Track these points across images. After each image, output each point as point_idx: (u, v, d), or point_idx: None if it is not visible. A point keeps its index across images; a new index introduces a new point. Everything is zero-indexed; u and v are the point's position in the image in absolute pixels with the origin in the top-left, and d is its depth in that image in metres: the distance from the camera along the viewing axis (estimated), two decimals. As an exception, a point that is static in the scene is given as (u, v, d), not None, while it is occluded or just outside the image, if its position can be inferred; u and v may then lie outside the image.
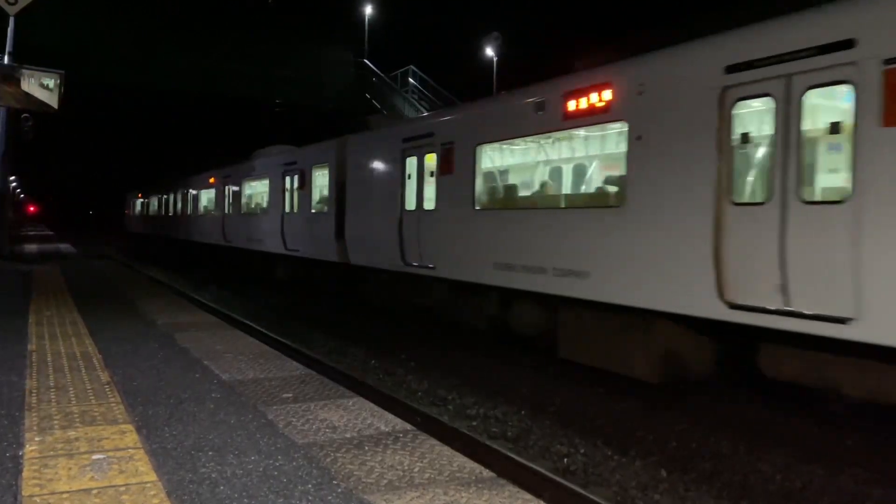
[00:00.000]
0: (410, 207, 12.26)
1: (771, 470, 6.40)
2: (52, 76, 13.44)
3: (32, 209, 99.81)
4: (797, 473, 6.31)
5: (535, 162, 11.13)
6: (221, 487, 3.78)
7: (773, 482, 6.20)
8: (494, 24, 41.15)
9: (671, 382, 8.28)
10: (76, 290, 13.61)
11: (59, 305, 11.15)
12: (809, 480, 6.18)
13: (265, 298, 18.62)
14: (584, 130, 9.56)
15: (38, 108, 13.81)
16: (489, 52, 40.12)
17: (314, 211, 16.70)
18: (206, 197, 27.00)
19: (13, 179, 41.96)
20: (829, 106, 6.44)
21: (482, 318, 11.21)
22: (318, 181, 16.84)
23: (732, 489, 6.07)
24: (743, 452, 6.83)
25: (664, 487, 6.12)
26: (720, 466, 6.55)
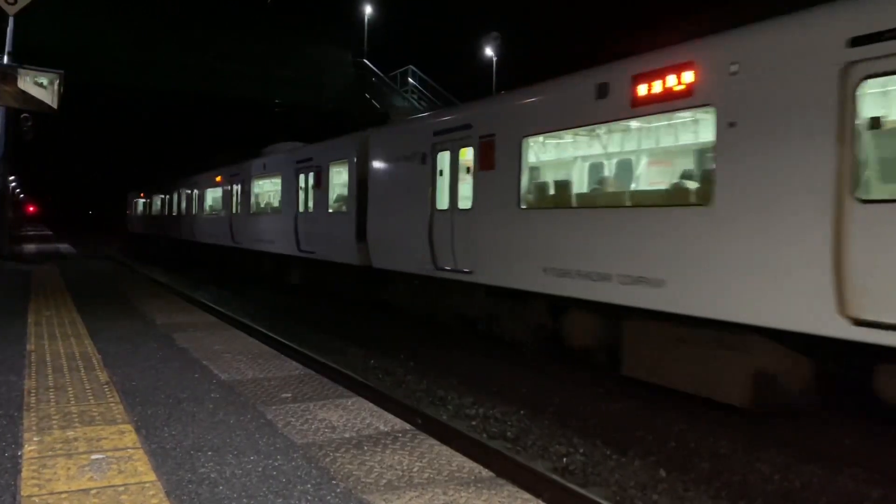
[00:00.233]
0: (442, 207, 11.46)
1: (770, 470, 6.41)
2: (46, 74, 13.41)
3: (32, 209, 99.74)
4: (796, 473, 6.31)
5: (594, 155, 10.04)
6: (220, 487, 3.78)
7: (771, 482, 6.21)
8: (494, 24, 41.21)
9: (763, 407, 7.33)
10: (75, 290, 13.60)
11: (58, 305, 11.15)
12: (808, 480, 6.18)
13: (264, 298, 18.61)
14: (657, 118, 8.43)
15: (37, 108, 13.79)
16: (489, 51, 40.15)
17: (332, 210, 15.82)
18: (212, 196, 26.14)
19: (12, 179, 41.91)
20: None
21: (526, 327, 10.22)
22: (335, 179, 16.01)
23: (731, 489, 6.08)
24: (742, 452, 6.84)
25: (663, 487, 6.12)
26: (719, 466, 6.55)
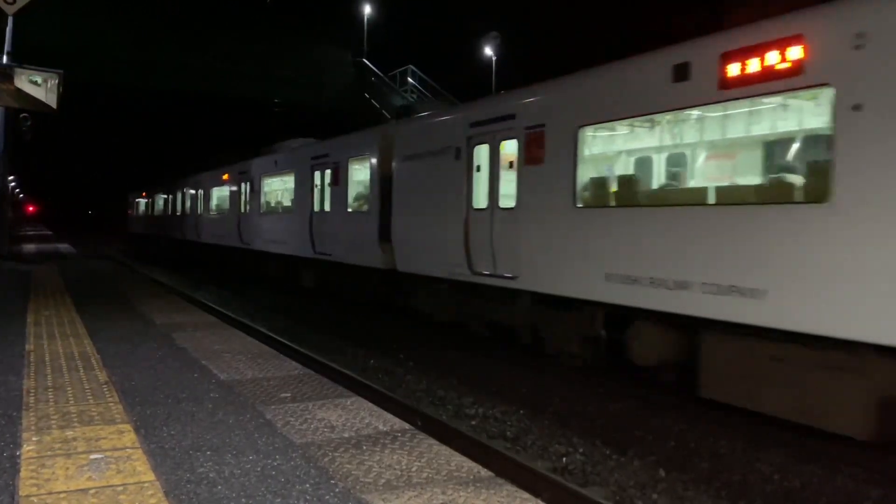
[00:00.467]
0: (480, 205, 10.56)
1: (769, 470, 6.40)
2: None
3: (31, 209, 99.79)
4: (796, 473, 6.30)
5: (669, 146, 8.97)
6: (219, 487, 3.78)
7: (771, 482, 6.20)
8: (493, 23, 41.23)
9: (887, 440, 6.24)
10: (75, 290, 13.60)
11: (57, 305, 11.15)
12: (808, 480, 6.18)
13: (264, 299, 18.60)
14: (753, 102, 7.33)
15: (36, 107, 13.79)
16: (488, 51, 40.18)
17: (351, 210, 14.85)
18: (219, 195, 25.25)
19: (12, 179, 41.92)
20: None
21: (578, 339, 9.23)
22: (356, 175, 15.07)
23: (731, 489, 6.07)
24: (741, 452, 6.83)
25: (663, 487, 6.12)
26: (719, 466, 6.55)
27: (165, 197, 34.38)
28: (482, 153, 10.59)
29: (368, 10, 40.06)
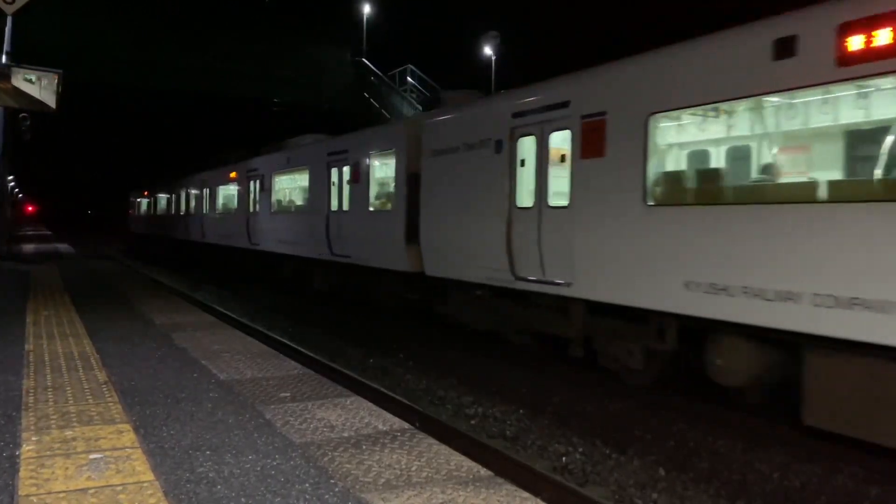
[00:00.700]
0: (525, 204, 9.62)
1: (769, 469, 6.40)
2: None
3: (31, 209, 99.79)
4: (795, 473, 6.30)
5: (770, 134, 7.68)
6: (219, 487, 3.78)
7: (771, 481, 6.20)
8: (493, 23, 41.25)
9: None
10: (74, 290, 13.61)
11: (56, 305, 11.15)
12: (808, 479, 6.18)
13: (264, 298, 18.60)
14: (883, 79, 6.12)
15: (35, 107, 13.79)
16: (488, 50, 40.18)
17: (373, 209, 13.97)
18: (225, 194, 24.32)
19: (11, 179, 41.92)
20: None
21: (645, 354, 8.25)
22: (378, 172, 14.19)
23: (731, 488, 6.07)
24: (741, 452, 6.83)
25: (662, 486, 6.12)
26: (718, 465, 6.55)
27: (168, 196, 33.55)
28: (527, 146, 9.65)
29: (368, 9, 40.07)
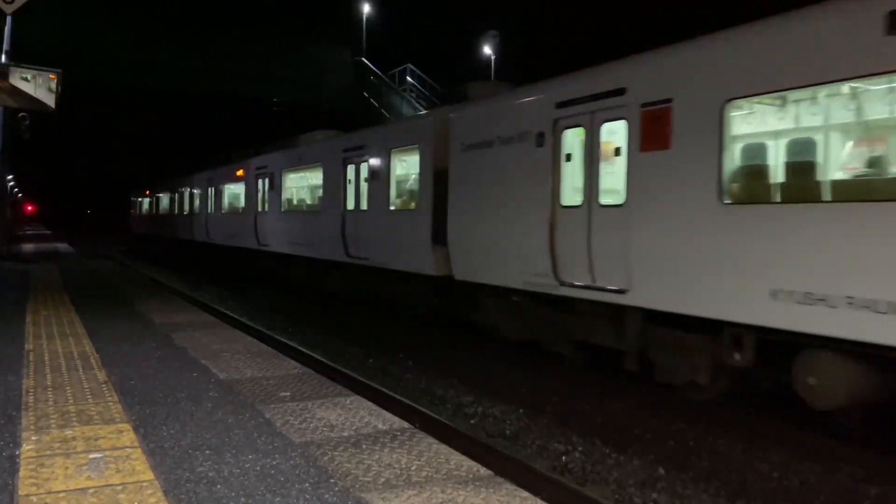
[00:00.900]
0: (571, 202, 8.87)
1: (768, 468, 6.41)
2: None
3: (30, 208, 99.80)
4: (795, 472, 6.31)
5: (869, 122, 6.73)
6: (219, 486, 3.78)
7: (770, 480, 6.21)
8: (493, 22, 41.26)
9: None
10: (74, 289, 13.61)
11: (56, 305, 11.15)
12: (807, 479, 6.18)
13: (264, 299, 18.60)
14: None
15: (35, 107, 13.79)
16: (487, 50, 40.19)
17: (395, 208, 13.20)
18: (232, 193, 23.63)
19: (11, 179, 41.92)
20: None
21: (712, 368, 7.43)
22: (400, 169, 13.46)
23: (730, 487, 6.08)
24: (740, 451, 6.84)
25: (662, 485, 6.13)
26: (718, 465, 6.56)
27: (171, 195, 32.77)
28: (574, 139, 8.89)
29: (367, 9, 40.05)
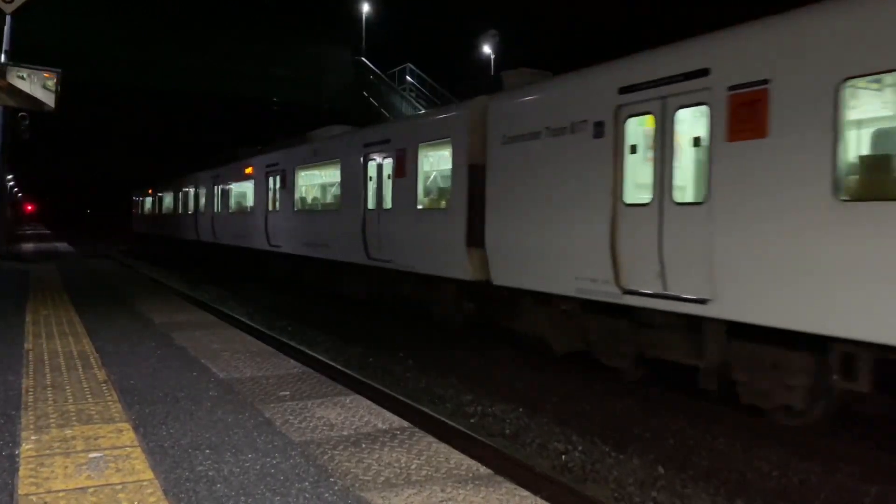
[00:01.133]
0: (637, 199, 8.01)
1: (768, 467, 6.41)
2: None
3: (30, 208, 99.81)
4: (794, 471, 6.31)
5: None
6: (218, 486, 3.78)
7: (770, 479, 6.21)
8: (492, 21, 41.27)
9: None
10: (74, 289, 13.61)
11: (56, 305, 11.15)
12: (807, 477, 6.19)
13: (264, 298, 18.60)
14: None
15: (32, 106, 13.81)
16: (487, 49, 40.22)
17: (422, 207, 12.36)
18: (241, 191, 22.84)
19: (10, 178, 41.92)
20: None
21: (809, 390, 6.71)
22: (430, 164, 12.69)
23: (730, 486, 6.08)
24: (740, 450, 6.84)
25: (662, 484, 6.13)
26: (717, 464, 6.56)
27: (175, 194, 31.92)
28: (641, 128, 8.04)
29: (367, 8, 40.07)
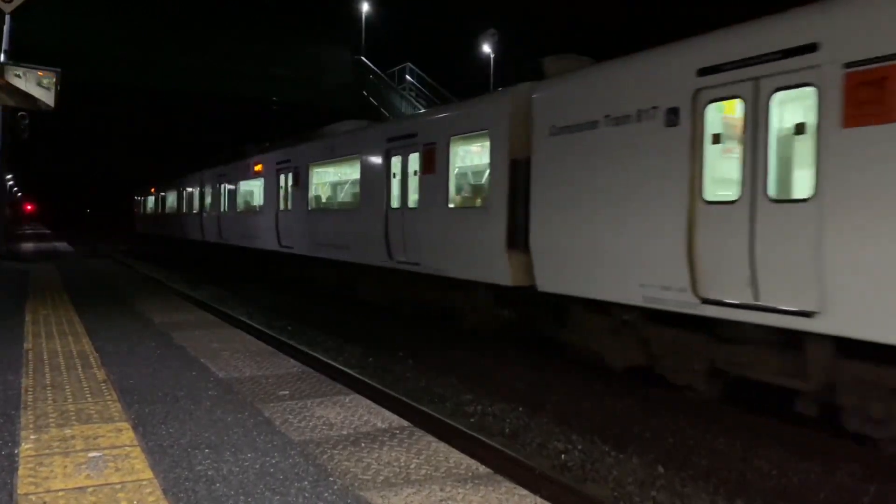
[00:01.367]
0: (720, 196, 7.10)
1: (768, 466, 6.41)
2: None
3: (30, 207, 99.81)
4: (794, 470, 6.31)
5: None
6: (218, 485, 3.78)
7: (770, 478, 6.21)
8: (492, 21, 41.29)
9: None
10: (73, 289, 13.61)
11: (55, 304, 11.15)
12: (806, 477, 6.19)
13: (264, 298, 18.59)
14: None
15: (30, 105, 13.80)
16: (486, 48, 40.23)
17: (453, 206, 11.41)
18: (248, 190, 22.18)
19: (10, 178, 41.92)
20: None
21: None
22: (463, 159, 11.84)
23: (729, 486, 6.08)
24: (740, 449, 6.84)
25: (661, 484, 6.13)
26: (717, 463, 6.56)
27: (179, 193, 31.17)
28: (725, 115, 7.22)
29: (366, 7, 40.05)
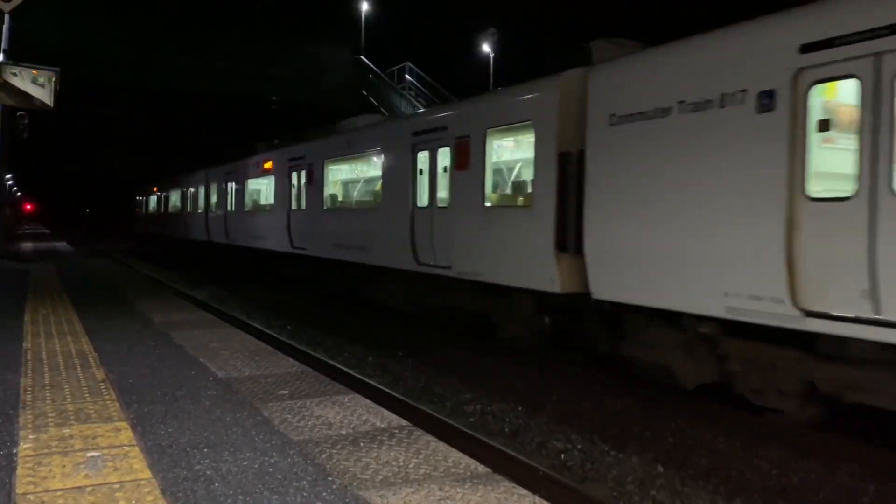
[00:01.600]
0: (827, 193, 6.18)
1: (767, 466, 6.40)
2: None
3: (29, 207, 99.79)
4: (794, 470, 6.31)
5: None
6: (216, 485, 3.78)
7: (769, 478, 6.20)
8: (491, 20, 41.29)
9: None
10: (73, 288, 13.60)
11: (55, 304, 11.14)
12: (806, 476, 6.18)
13: (263, 298, 18.59)
14: None
15: (33, 106, 13.80)
16: (486, 48, 40.24)
17: (490, 204, 10.46)
18: (257, 188, 21.50)
19: (10, 177, 41.91)
20: None
21: None
22: (501, 154, 10.96)
23: (729, 485, 6.07)
24: (740, 449, 6.83)
25: (661, 483, 6.12)
26: (717, 463, 6.55)
27: (183, 192, 30.49)
28: (834, 99, 6.31)
29: (366, 7, 40.07)
